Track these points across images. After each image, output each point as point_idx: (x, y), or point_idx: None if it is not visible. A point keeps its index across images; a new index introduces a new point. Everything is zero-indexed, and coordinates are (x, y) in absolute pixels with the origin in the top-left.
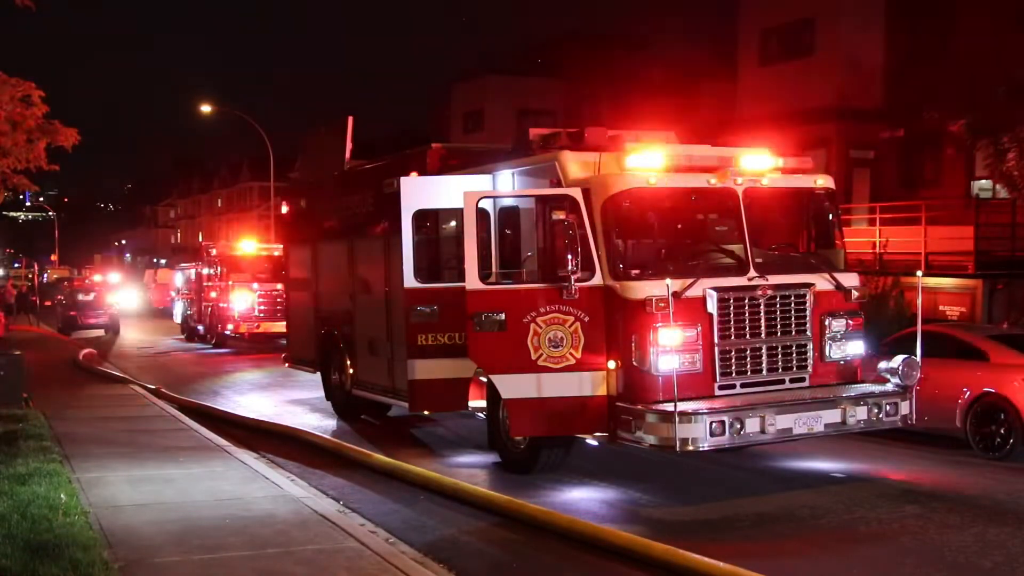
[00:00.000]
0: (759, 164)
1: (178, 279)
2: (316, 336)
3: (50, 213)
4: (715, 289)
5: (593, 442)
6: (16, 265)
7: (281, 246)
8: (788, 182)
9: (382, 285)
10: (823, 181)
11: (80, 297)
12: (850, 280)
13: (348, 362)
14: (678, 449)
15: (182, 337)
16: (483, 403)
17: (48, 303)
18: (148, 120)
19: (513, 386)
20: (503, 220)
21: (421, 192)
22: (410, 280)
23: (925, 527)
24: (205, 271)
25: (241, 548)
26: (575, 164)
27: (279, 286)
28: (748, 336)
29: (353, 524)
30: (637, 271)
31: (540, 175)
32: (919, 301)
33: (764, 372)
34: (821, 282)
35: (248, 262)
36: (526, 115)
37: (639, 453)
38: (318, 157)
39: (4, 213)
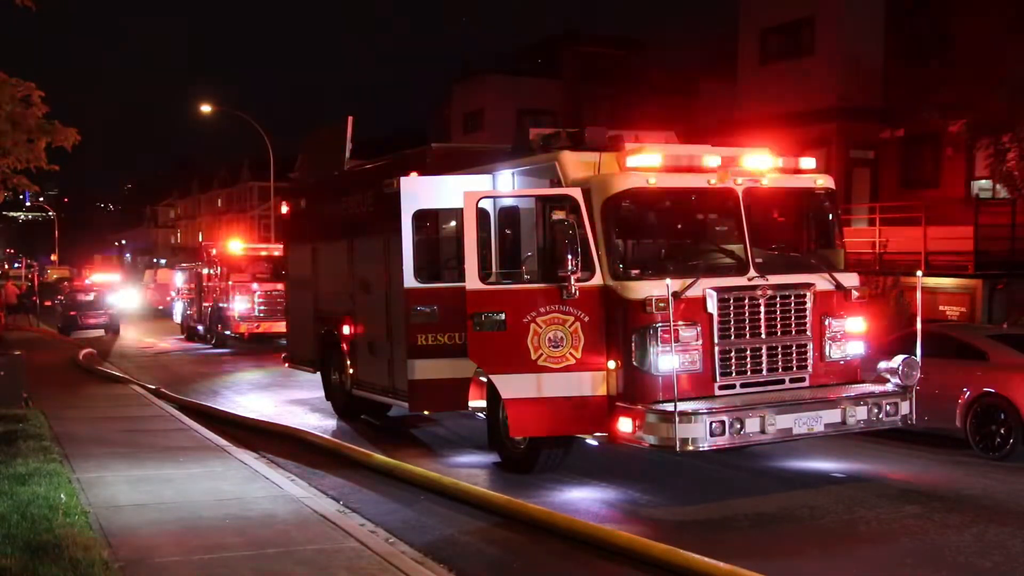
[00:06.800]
0: (759, 164)
1: (178, 279)
2: (316, 336)
3: (50, 213)
4: (715, 289)
5: (593, 442)
6: (16, 265)
7: (281, 246)
8: (788, 182)
9: (382, 285)
10: (823, 181)
11: (80, 297)
12: (850, 280)
13: (348, 362)
14: (678, 449)
15: (182, 337)
16: (483, 403)
17: (48, 303)
18: (149, 120)
19: (513, 386)
20: (503, 220)
21: (421, 192)
22: (410, 280)
23: (925, 527)
24: (205, 271)
25: (241, 548)
26: (575, 164)
27: (279, 286)
28: (748, 336)
29: (353, 524)
30: (637, 271)
31: (540, 175)
32: (919, 301)
33: (764, 372)
34: (821, 282)
35: (248, 262)
36: (526, 115)
37: (639, 453)
38: (318, 157)
39: (4, 213)
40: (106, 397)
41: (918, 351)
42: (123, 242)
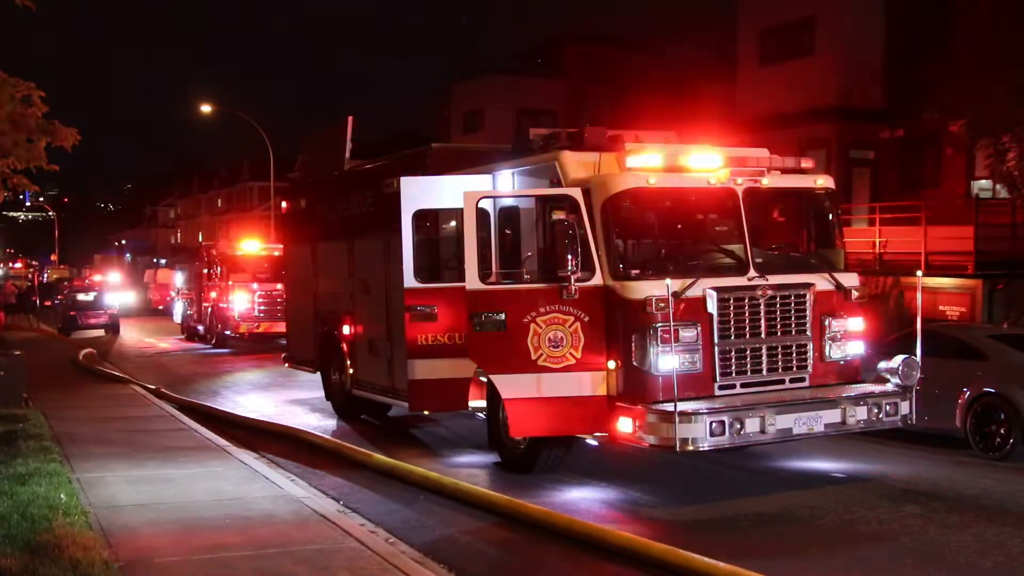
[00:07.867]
0: (759, 164)
1: (178, 279)
2: (316, 336)
3: (50, 213)
4: (715, 289)
5: (593, 442)
6: (16, 265)
7: (281, 246)
8: (788, 182)
9: (382, 285)
10: (823, 181)
11: (80, 297)
12: (850, 280)
13: (348, 362)
14: (678, 449)
15: (182, 337)
16: (483, 403)
17: (48, 303)
18: (148, 120)
19: (513, 386)
20: (503, 220)
21: (421, 192)
22: (410, 280)
23: (925, 527)
24: (205, 271)
25: (241, 548)
26: (575, 164)
27: (279, 286)
28: (748, 336)
29: (353, 524)
30: (637, 271)
31: (540, 175)
32: (919, 301)
33: (764, 372)
34: (821, 282)
35: (248, 262)
36: (526, 115)
37: (639, 453)
38: (318, 157)
39: (4, 213)
40: (106, 397)
41: (918, 351)
42: (123, 242)
